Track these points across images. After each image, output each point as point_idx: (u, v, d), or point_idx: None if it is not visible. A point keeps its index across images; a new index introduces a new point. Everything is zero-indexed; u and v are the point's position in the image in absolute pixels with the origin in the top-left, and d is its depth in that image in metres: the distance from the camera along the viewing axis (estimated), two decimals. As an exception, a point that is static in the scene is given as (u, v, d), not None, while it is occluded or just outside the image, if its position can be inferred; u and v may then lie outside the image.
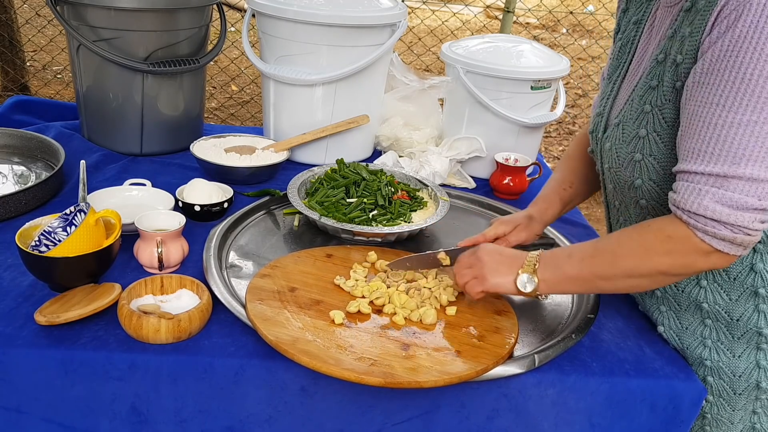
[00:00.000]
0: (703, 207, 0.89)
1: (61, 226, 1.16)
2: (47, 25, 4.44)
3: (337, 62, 1.65)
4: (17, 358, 0.99)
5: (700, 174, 0.90)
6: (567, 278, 1.03)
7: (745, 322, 1.05)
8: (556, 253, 1.06)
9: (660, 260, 0.95)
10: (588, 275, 1.01)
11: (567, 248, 1.07)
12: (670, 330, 1.15)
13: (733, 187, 0.87)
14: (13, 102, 1.90)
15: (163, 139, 1.73)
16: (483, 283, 1.07)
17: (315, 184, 1.49)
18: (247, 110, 4.45)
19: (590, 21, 7.25)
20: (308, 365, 0.95)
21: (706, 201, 0.89)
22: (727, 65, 0.85)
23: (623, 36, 1.16)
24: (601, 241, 1.03)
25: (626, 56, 1.14)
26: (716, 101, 0.87)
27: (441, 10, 5.40)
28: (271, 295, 1.09)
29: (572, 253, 1.03)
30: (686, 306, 1.11)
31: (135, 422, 1.03)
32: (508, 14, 3.63)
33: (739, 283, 1.04)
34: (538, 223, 1.31)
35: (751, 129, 0.85)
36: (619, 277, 0.99)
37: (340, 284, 1.15)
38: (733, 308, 1.06)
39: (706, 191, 0.89)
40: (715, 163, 0.88)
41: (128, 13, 1.54)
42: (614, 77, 1.16)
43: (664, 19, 1.04)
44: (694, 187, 0.90)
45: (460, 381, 0.96)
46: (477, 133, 1.76)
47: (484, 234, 1.29)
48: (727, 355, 1.08)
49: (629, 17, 1.16)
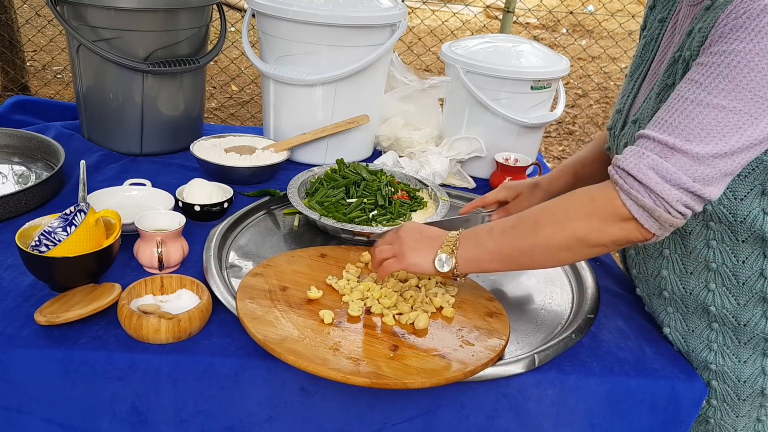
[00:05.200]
0: (637, 168, 0.89)
1: (61, 226, 1.15)
2: (47, 25, 4.44)
3: (337, 62, 1.65)
4: (17, 358, 0.99)
5: (651, 139, 0.89)
6: (487, 253, 1.00)
7: (752, 328, 1.05)
8: (478, 229, 1.03)
9: (579, 224, 0.93)
10: (507, 249, 0.98)
11: (489, 223, 1.03)
12: (675, 332, 1.14)
13: (674, 161, 0.87)
14: (13, 102, 1.90)
15: (163, 139, 1.73)
16: (401, 262, 1.03)
17: (315, 184, 1.49)
18: (247, 110, 4.45)
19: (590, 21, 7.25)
20: (295, 364, 0.94)
21: (643, 164, 0.88)
22: (721, 51, 0.85)
23: (648, 33, 1.14)
24: (525, 211, 1.00)
25: (649, 54, 1.13)
26: (698, 80, 0.87)
27: (441, 10, 5.40)
28: (261, 294, 1.09)
29: (493, 227, 1.01)
30: (693, 309, 1.10)
31: (135, 422, 1.03)
32: (508, 14, 3.63)
33: (748, 288, 1.03)
34: (542, 192, 1.28)
35: (717, 112, 0.85)
36: (538, 249, 0.96)
37: (331, 284, 1.15)
38: (740, 313, 1.05)
39: (647, 156, 0.89)
40: (669, 134, 0.88)
41: (128, 13, 1.54)
42: (636, 75, 1.14)
43: (686, 18, 1.03)
44: (638, 150, 0.90)
45: (447, 383, 0.96)
46: (477, 133, 1.76)
47: (485, 198, 1.26)
48: (732, 359, 1.08)
49: (655, 14, 1.14)
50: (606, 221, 0.92)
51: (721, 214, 0.99)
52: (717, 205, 0.98)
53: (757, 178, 0.95)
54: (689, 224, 1.04)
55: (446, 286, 1.17)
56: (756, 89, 0.83)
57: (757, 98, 0.83)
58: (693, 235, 1.05)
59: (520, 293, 1.27)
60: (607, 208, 0.92)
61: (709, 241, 1.03)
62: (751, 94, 0.83)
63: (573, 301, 1.25)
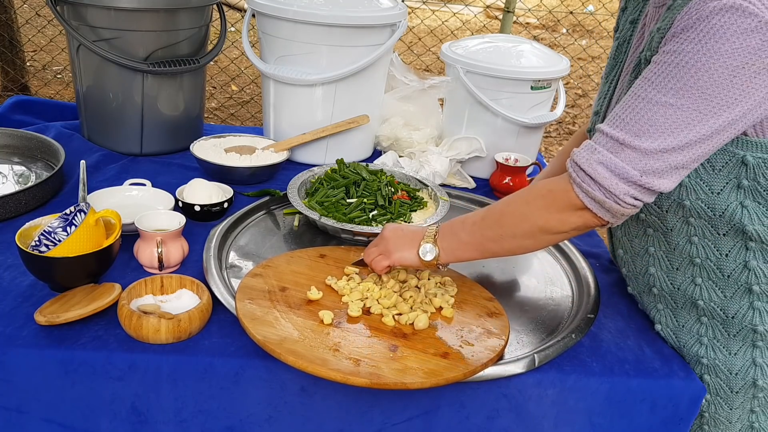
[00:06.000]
0: (588, 163, 0.94)
1: (61, 226, 1.16)
2: (47, 25, 4.44)
3: (337, 62, 1.65)
4: (17, 358, 0.99)
5: (604, 134, 0.94)
6: (462, 244, 1.08)
7: (740, 320, 1.06)
8: (453, 221, 1.11)
9: (539, 215, 1.00)
10: (479, 238, 1.06)
11: (462, 216, 1.11)
12: (667, 328, 1.16)
13: (623, 156, 0.92)
14: (13, 102, 1.90)
15: (163, 139, 1.73)
16: (389, 258, 1.12)
17: (315, 184, 1.49)
18: (247, 110, 4.45)
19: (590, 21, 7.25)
20: (294, 365, 0.94)
21: (593, 160, 0.93)
22: (671, 50, 0.88)
23: (620, 35, 1.16)
24: (493, 204, 1.09)
25: (622, 55, 1.14)
26: (650, 78, 0.91)
27: (441, 10, 5.40)
28: (261, 295, 1.08)
29: (465, 219, 1.09)
30: (682, 304, 1.11)
31: (135, 422, 1.03)
32: (508, 14, 3.63)
33: (734, 281, 1.04)
34: None
35: (665, 110, 0.88)
36: (505, 238, 1.04)
37: (331, 284, 1.15)
38: (727, 305, 1.06)
39: (599, 152, 0.93)
40: (621, 129, 0.92)
41: (128, 13, 1.54)
42: (611, 76, 1.16)
43: (652, 19, 1.05)
44: (592, 145, 0.95)
45: (447, 383, 0.96)
46: (477, 133, 1.76)
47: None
48: (723, 352, 1.09)
49: (627, 16, 1.16)
50: (563, 211, 0.99)
51: (700, 210, 1.00)
52: (695, 200, 1.00)
53: (731, 171, 0.96)
54: (670, 221, 1.05)
55: (446, 286, 1.17)
56: (703, 87, 0.86)
57: (705, 96, 0.86)
58: (675, 231, 1.06)
59: (520, 293, 1.27)
60: (563, 200, 0.98)
61: (691, 237, 1.04)
62: (699, 92, 0.86)
63: (573, 301, 1.25)
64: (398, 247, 1.12)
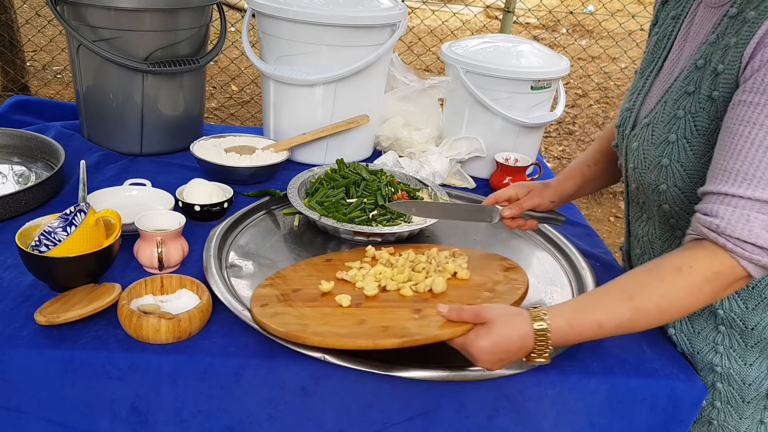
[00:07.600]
0: (754, 234, 0.86)
1: (61, 226, 1.16)
2: (47, 25, 4.44)
3: (337, 62, 1.65)
4: (17, 358, 0.99)
5: (746, 199, 0.86)
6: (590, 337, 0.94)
7: (760, 332, 1.05)
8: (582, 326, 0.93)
9: (711, 298, 0.91)
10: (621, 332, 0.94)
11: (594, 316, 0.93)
12: (681, 333, 1.14)
13: None
14: (13, 102, 1.90)
15: (163, 139, 1.73)
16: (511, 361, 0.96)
17: (315, 184, 1.49)
18: (247, 110, 4.45)
19: (590, 21, 7.25)
20: (321, 344, 0.94)
21: (757, 228, 0.86)
22: None
23: (660, 30, 1.13)
24: (638, 299, 0.92)
25: (662, 51, 1.11)
26: (760, 122, 0.85)
27: (441, 10, 5.40)
28: (274, 299, 1.08)
29: (603, 323, 0.92)
30: (700, 311, 1.10)
31: (135, 422, 1.03)
32: (508, 14, 3.63)
33: (758, 293, 1.03)
34: (552, 190, 1.28)
35: None
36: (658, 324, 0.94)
37: (343, 277, 1.14)
38: (749, 317, 1.05)
39: (755, 218, 0.86)
40: (764, 189, 0.85)
41: (128, 13, 1.54)
42: (647, 72, 1.13)
43: (705, 21, 1.01)
44: (741, 212, 0.87)
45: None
46: (477, 133, 1.76)
47: (496, 195, 1.26)
48: (738, 362, 1.08)
49: (668, 11, 1.13)
50: (731, 286, 0.91)
51: None
52: None
53: None
54: None
55: (456, 256, 1.17)
56: None
57: None
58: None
59: (520, 293, 1.27)
60: (732, 276, 0.90)
61: None
62: None
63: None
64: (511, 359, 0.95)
